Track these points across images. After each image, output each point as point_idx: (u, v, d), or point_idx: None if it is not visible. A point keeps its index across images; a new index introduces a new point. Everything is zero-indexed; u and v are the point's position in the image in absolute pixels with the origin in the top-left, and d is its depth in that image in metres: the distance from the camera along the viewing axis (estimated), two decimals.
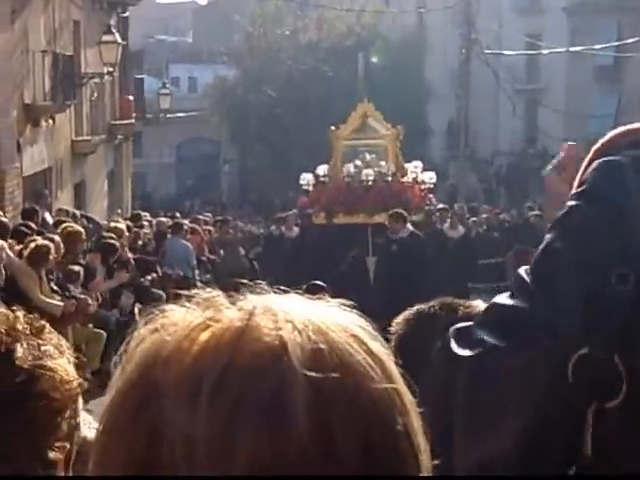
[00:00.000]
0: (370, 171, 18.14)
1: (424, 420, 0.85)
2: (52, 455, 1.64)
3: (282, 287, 0.88)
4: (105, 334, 12.12)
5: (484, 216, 24.13)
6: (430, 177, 18.99)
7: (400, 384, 0.84)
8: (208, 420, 0.76)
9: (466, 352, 1.50)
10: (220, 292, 0.86)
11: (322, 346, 0.79)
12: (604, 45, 33.05)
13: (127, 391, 0.82)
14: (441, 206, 20.47)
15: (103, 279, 13.12)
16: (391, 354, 0.85)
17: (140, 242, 16.44)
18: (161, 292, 15.50)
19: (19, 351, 1.63)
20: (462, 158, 32.62)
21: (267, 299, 0.84)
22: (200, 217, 23.54)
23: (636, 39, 29.38)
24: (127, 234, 15.49)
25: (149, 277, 15.13)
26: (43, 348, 1.66)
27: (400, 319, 2.61)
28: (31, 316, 1.72)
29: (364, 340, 0.83)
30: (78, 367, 1.72)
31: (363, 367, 0.81)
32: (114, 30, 22.40)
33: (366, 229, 16.55)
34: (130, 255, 14.83)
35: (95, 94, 23.33)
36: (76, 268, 12.27)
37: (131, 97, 27.42)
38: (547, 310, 1.42)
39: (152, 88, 34.25)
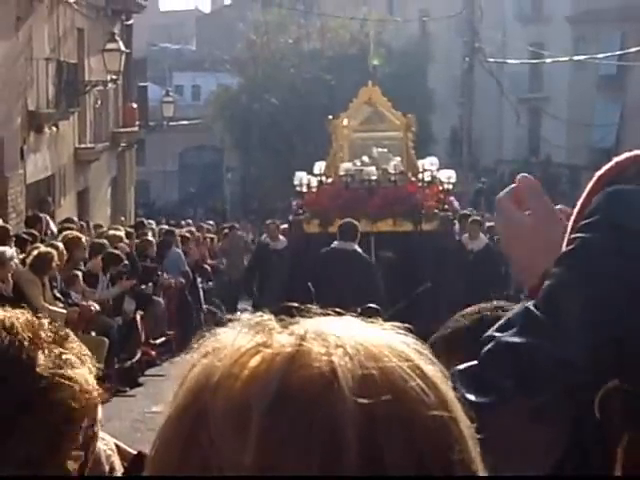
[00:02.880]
0: (373, 169, 15.29)
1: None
2: (69, 463, 1.65)
3: (337, 309, 0.85)
4: (107, 341, 12.12)
5: (487, 225, 23.99)
6: (448, 177, 15.69)
7: (456, 410, 0.81)
8: (258, 450, 0.75)
9: (476, 397, 1.40)
10: (271, 315, 0.84)
11: (373, 372, 0.77)
12: (607, 54, 33.04)
13: (178, 417, 0.80)
14: (463, 212, 17.30)
15: (105, 286, 13.13)
16: (448, 378, 0.82)
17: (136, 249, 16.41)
18: (161, 300, 15.53)
19: (40, 359, 1.64)
20: (465, 166, 32.61)
21: (319, 323, 0.82)
22: (203, 225, 23.57)
23: None
24: (126, 241, 15.48)
25: (151, 284, 15.13)
26: (64, 357, 1.67)
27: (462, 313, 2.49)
28: (57, 324, 1.74)
29: (418, 364, 0.80)
30: (98, 377, 1.74)
31: (416, 393, 0.78)
32: (118, 38, 22.45)
33: (368, 239, 13.83)
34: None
35: (99, 102, 23.34)
36: (76, 273, 12.28)
37: (135, 105, 27.43)
38: (568, 347, 1.36)
39: (156, 96, 34.28)
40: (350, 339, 0.79)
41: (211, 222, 26.46)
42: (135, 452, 2.35)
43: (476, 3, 31.74)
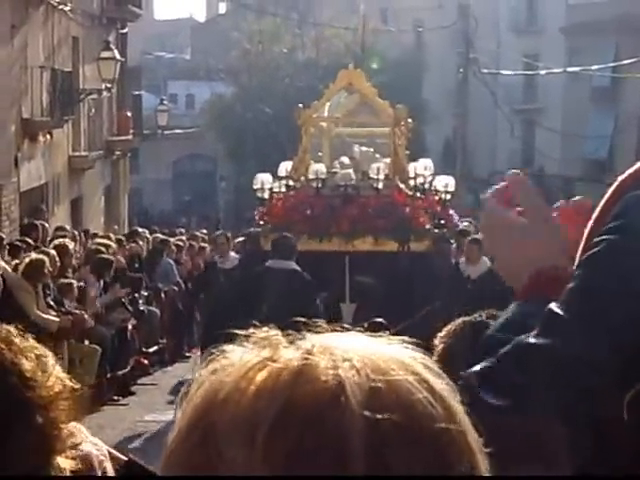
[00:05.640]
0: (350, 172, 12.56)
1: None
2: (61, 461, 1.70)
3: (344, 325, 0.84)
4: (100, 349, 12.10)
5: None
6: (446, 184, 12.96)
7: (464, 423, 0.81)
8: (265, 461, 0.75)
9: (498, 400, 1.39)
10: (278, 331, 0.84)
11: (380, 385, 0.77)
12: (601, 66, 33.10)
13: (186, 433, 0.81)
14: (460, 228, 13.20)
15: (99, 294, 13.10)
16: (456, 392, 0.82)
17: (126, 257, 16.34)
18: (157, 310, 15.52)
19: (26, 364, 1.66)
20: (458, 178, 32.63)
21: (326, 338, 0.82)
22: (198, 234, 23.52)
23: (633, 60, 29.45)
24: (115, 248, 15.42)
25: (145, 293, 15.11)
26: (44, 360, 1.69)
27: (444, 332, 2.54)
28: (19, 327, 1.76)
29: (425, 377, 0.80)
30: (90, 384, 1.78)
31: (424, 406, 0.78)
32: (112, 46, 22.47)
33: (342, 260, 11.78)
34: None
35: (93, 110, 23.35)
36: (70, 281, 12.25)
37: (129, 113, 27.44)
38: (595, 348, 1.36)
39: (150, 104, 34.29)
40: (357, 352, 0.79)
41: (205, 231, 26.39)
42: (126, 458, 2.37)
43: (470, 14, 31.85)
